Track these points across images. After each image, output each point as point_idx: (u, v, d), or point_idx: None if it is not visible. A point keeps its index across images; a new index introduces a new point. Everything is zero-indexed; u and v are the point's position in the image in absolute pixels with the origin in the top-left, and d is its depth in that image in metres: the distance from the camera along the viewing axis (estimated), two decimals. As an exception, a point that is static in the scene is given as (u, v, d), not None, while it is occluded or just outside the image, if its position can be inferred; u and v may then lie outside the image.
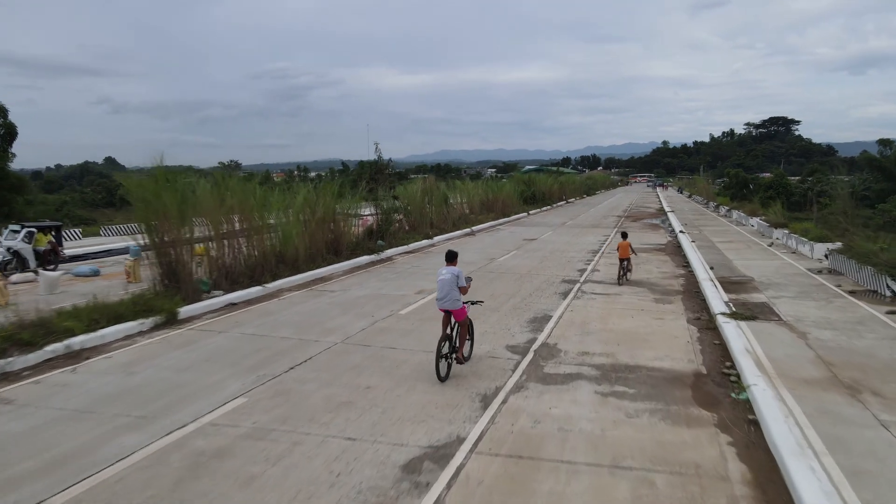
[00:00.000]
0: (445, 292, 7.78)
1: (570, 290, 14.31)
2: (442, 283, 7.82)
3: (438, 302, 7.92)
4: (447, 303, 7.82)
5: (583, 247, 23.29)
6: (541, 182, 53.58)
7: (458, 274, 7.86)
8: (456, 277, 7.80)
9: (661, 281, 15.55)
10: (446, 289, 7.77)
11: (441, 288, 7.82)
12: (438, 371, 7.72)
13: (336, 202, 18.48)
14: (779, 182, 45.76)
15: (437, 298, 7.94)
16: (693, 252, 19.78)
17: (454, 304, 7.82)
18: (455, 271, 7.87)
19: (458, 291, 7.82)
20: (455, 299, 7.80)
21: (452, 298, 7.79)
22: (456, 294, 7.80)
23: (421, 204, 27.20)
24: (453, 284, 7.77)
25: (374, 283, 15.58)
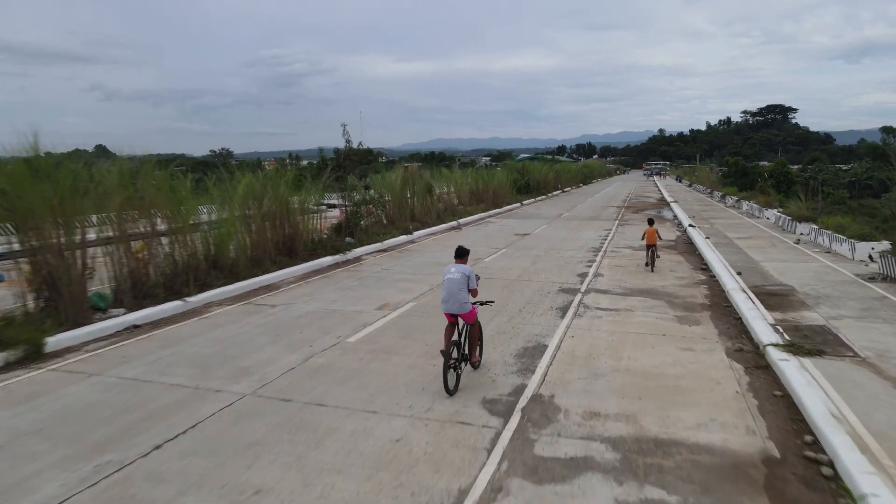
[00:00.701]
0: (453, 293, 6.91)
1: (569, 304, 11.49)
2: (450, 282, 6.95)
3: (444, 304, 7.04)
4: (454, 305, 6.95)
5: (582, 243, 20.46)
6: (535, 170, 50.61)
7: (470, 274, 7.02)
8: (467, 278, 6.96)
9: (680, 290, 12.74)
10: (454, 289, 6.90)
11: (448, 288, 6.95)
12: (446, 383, 6.71)
13: (292, 193, 15.53)
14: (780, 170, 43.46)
15: (443, 300, 7.04)
16: (710, 251, 16.99)
17: (462, 308, 6.96)
18: (466, 270, 7.03)
19: (467, 293, 6.97)
20: (463, 301, 6.94)
21: (461, 301, 6.93)
22: (465, 296, 6.95)
23: (401, 195, 24.27)
24: (463, 285, 6.94)
25: (329, 293, 12.71)
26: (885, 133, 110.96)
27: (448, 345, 6.89)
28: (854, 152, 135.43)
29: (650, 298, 11.96)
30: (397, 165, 33.43)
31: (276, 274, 14.02)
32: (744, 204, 33.93)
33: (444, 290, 7.03)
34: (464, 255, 7.40)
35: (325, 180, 17.38)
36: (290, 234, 15.21)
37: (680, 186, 72.67)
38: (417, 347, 8.80)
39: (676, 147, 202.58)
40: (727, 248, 18.35)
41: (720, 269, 14.06)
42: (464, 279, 6.98)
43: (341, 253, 16.87)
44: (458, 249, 7.49)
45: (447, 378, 6.73)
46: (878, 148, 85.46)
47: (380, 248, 19.05)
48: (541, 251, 18.63)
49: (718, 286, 13.00)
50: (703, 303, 11.60)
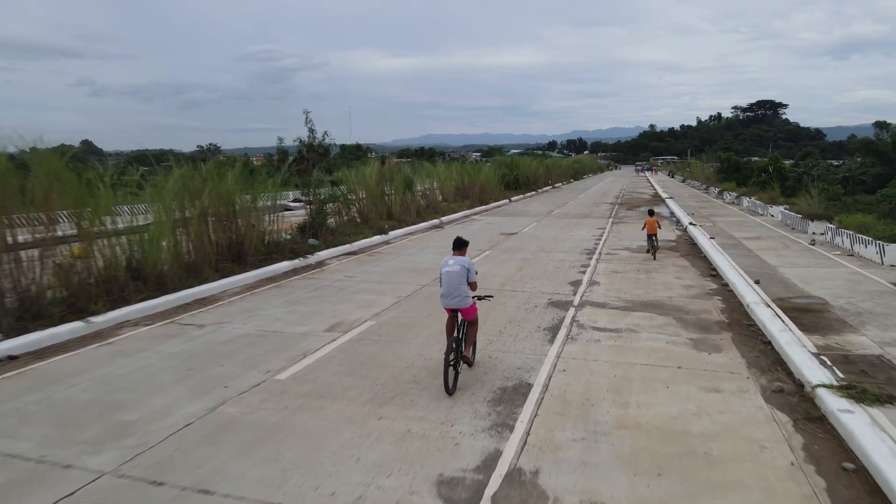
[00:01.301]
0: (453, 287, 6.64)
1: (560, 322, 9.52)
2: (449, 275, 6.68)
3: (443, 299, 6.77)
4: (454, 300, 6.68)
5: (574, 244, 18.51)
6: (524, 166, 48.63)
7: (469, 266, 6.77)
8: (466, 270, 6.70)
9: (691, 302, 10.81)
10: (454, 283, 6.63)
11: (448, 282, 6.68)
12: (447, 382, 6.40)
13: (241, 190, 13.42)
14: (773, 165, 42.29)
15: (442, 295, 6.77)
16: (718, 254, 15.08)
17: (463, 302, 6.68)
18: (465, 262, 6.76)
19: (467, 287, 6.70)
20: (464, 296, 6.67)
21: (462, 295, 6.66)
22: (465, 290, 6.69)
23: (376, 191, 22.20)
24: (463, 278, 6.66)
25: (274, 308, 10.66)
26: (879, 128, 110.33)
27: (450, 341, 6.54)
28: (844, 148, 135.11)
29: (657, 314, 10.00)
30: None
31: (217, 284, 11.93)
32: (744, 200, 32.14)
33: (444, 284, 6.71)
34: (462, 246, 7.05)
35: (284, 174, 15.25)
36: (237, 237, 13.10)
37: (673, 182, 71.01)
38: (364, 389, 6.78)
39: (667, 143, 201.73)
40: (736, 250, 16.45)
41: (734, 277, 12.14)
42: (463, 271, 6.65)
43: (301, 257, 14.80)
44: (456, 240, 7.13)
45: (447, 376, 6.39)
46: (871, 143, 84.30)
47: (348, 251, 16.99)
48: (528, 254, 16.65)
49: (734, 298, 11.08)
50: (721, 320, 9.66)
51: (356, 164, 28.16)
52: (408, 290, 11.93)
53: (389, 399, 6.49)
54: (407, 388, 6.81)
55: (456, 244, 7.10)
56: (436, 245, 18.52)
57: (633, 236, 20.14)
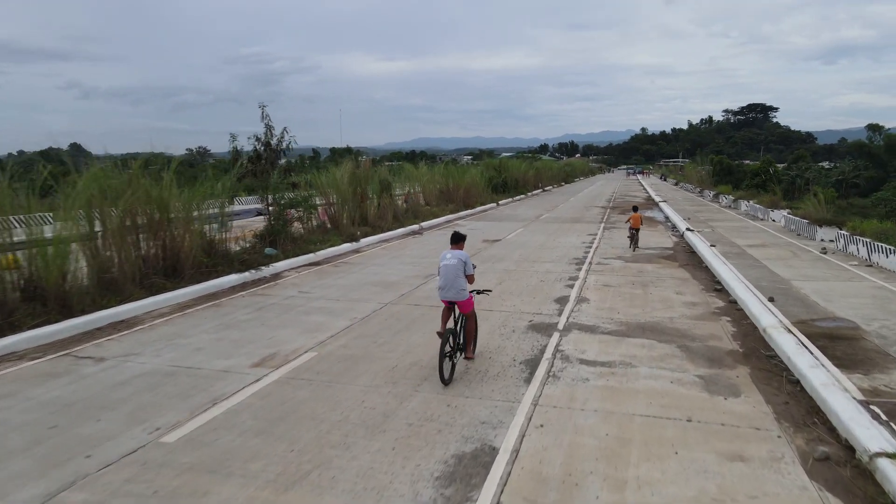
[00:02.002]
0: (450, 280, 6.68)
1: (541, 353, 7.86)
2: (447, 268, 6.72)
3: (441, 291, 6.79)
4: (451, 293, 6.72)
5: (562, 252, 16.88)
6: (513, 168, 47.03)
7: (466, 260, 6.79)
8: (463, 263, 6.74)
9: (695, 324, 9.18)
10: (451, 276, 6.68)
11: (445, 275, 6.71)
12: (442, 373, 6.45)
13: (176, 193, 11.67)
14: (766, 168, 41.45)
15: (440, 287, 6.79)
16: (721, 264, 13.49)
17: (460, 295, 6.73)
18: (462, 255, 6.79)
19: (464, 280, 6.75)
20: (461, 289, 6.72)
21: (458, 288, 6.70)
22: (462, 283, 6.73)
23: (348, 195, 20.49)
24: (460, 271, 6.71)
25: (201, 333, 8.92)
26: (871, 131, 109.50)
27: (445, 332, 6.60)
28: (835, 151, 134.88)
29: (656, 341, 8.36)
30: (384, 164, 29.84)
31: (141, 303, 10.17)
32: (742, 204, 30.67)
33: (441, 277, 6.81)
34: (459, 240, 7.14)
35: (234, 176, 13.50)
36: (172, 248, 11.34)
37: (666, 185, 69.74)
38: (272, 460, 5.07)
39: (659, 146, 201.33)
40: (740, 259, 14.87)
41: (743, 293, 10.52)
42: (460, 265, 6.76)
43: (254, 269, 13.07)
44: (453, 235, 7.24)
45: (443, 367, 6.49)
46: (863, 146, 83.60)
47: (311, 262, 15.26)
48: (511, 264, 14.99)
49: (746, 319, 9.47)
50: (734, 349, 8.03)
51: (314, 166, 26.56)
52: (367, 310, 10.23)
53: (303, 476, 4.79)
54: (331, 456, 5.11)
55: (453, 238, 7.16)
56: (410, 254, 16.83)
57: (627, 243, 18.55)
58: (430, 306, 10.49)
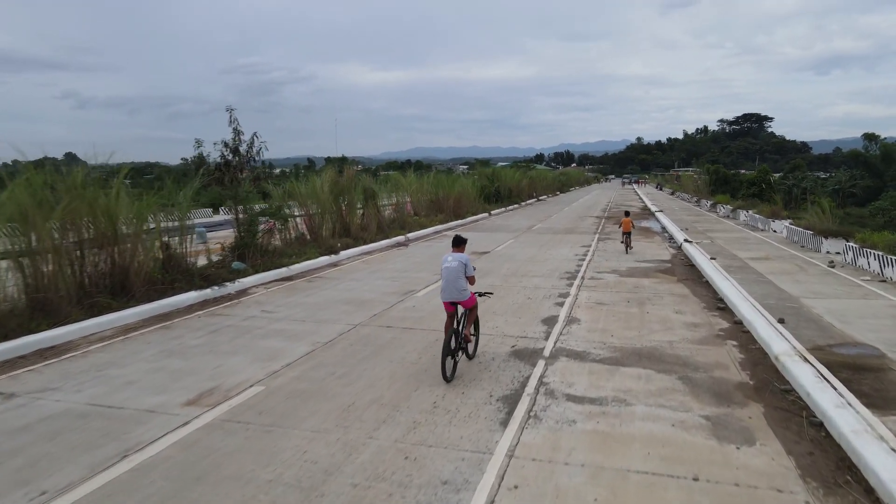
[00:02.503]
0: (451, 282, 6.97)
1: (522, 387, 6.82)
2: (448, 270, 7.01)
3: (443, 293, 7.08)
4: (453, 293, 6.99)
5: (553, 266, 15.88)
6: (507, 177, 46.13)
7: (467, 262, 7.07)
8: (464, 266, 7.03)
9: (699, 351, 8.16)
10: (452, 277, 6.97)
11: (447, 276, 7.01)
12: (444, 370, 6.79)
13: (126, 203, 10.63)
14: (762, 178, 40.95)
15: (442, 289, 7.10)
16: (723, 279, 12.50)
17: (461, 295, 7.00)
18: (463, 258, 7.09)
19: (465, 281, 7.04)
20: (462, 289, 6.99)
21: (459, 289, 6.98)
22: (463, 283, 7.01)
23: (330, 205, 19.49)
24: (460, 273, 7.00)
25: (139, 362, 7.85)
26: (868, 140, 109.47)
27: (448, 331, 6.90)
28: (830, 161, 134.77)
29: (655, 371, 7.34)
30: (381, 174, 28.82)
31: (80, 326, 9.09)
32: (741, 214, 29.74)
33: (443, 279, 7.06)
34: (461, 243, 7.39)
35: (195, 184, 12.46)
36: (121, 264, 10.28)
37: (662, 195, 68.98)
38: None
39: (654, 155, 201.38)
40: (743, 273, 13.88)
41: (749, 313, 9.52)
42: (461, 267, 7.00)
43: (217, 285, 12.02)
44: (454, 238, 7.52)
45: (445, 365, 6.77)
46: (860, 155, 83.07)
47: (283, 276, 14.21)
48: (497, 279, 13.96)
49: (754, 343, 8.46)
50: (743, 381, 7.01)
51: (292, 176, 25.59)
52: (332, 333, 9.18)
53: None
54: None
55: (455, 241, 7.43)
56: (392, 268, 15.79)
57: (622, 255, 17.56)
58: (403, 329, 9.46)
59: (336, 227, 20.24)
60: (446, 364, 6.80)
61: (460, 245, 7.36)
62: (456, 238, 7.51)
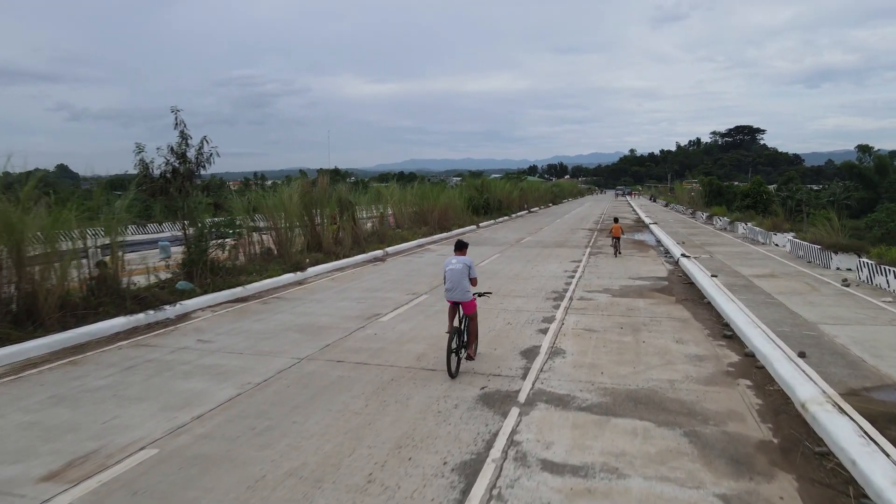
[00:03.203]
0: (456, 283, 7.34)
1: (487, 450, 5.36)
2: (452, 272, 7.37)
3: (447, 293, 7.43)
4: (457, 294, 7.36)
5: (540, 284, 14.46)
6: (497, 188, 44.81)
7: (470, 265, 7.46)
8: (468, 268, 7.41)
9: (706, 395, 6.71)
10: (457, 279, 7.34)
11: (451, 278, 7.37)
12: (449, 366, 7.17)
13: (40, 217, 9.14)
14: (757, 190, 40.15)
15: (447, 289, 7.42)
16: (728, 301, 11.11)
17: (464, 296, 7.36)
18: (466, 261, 7.47)
19: (468, 282, 7.39)
20: (465, 290, 7.36)
21: (462, 289, 7.34)
22: (466, 285, 7.38)
23: (301, 218, 18.06)
24: (464, 275, 7.37)
25: (19, 412, 6.34)
26: (862, 152, 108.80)
27: (451, 330, 7.24)
28: (823, 173, 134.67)
29: (654, 423, 5.89)
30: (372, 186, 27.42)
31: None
32: (739, 226, 28.44)
33: (448, 280, 7.36)
34: (463, 247, 7.79)
35: (130, 195, 10.98)
36: (28, 288, 8.76)
37: (656, 206, 67.90)
38: None
39: (647, 167, 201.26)
40: (749, 293, 12.49)
41: (763, 344, 8.10)
42: (465, 269, 7.35)
43: (155, 309, 10.52)
44: (457, 243, 7.89)
45: (450, 362, 7.12)
46: (853, 167, 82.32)
47: (238, 297, 12.72)
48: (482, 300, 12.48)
49: (769, 381, 7.06)
50: (765, 439, 5.57)
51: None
52: (270, 370, 7.70)
53: None
54: None
55: (457, 246, 7.83)
56: (362, 287, 14.32)
57: (615, 272, 16.17)
58: (355, 364, 7.98)
59: (308, 242, 18.81)
60: (451, 362, 7.19)
61: (462, 249, 7.77)
62: (458, 242, 7.92)
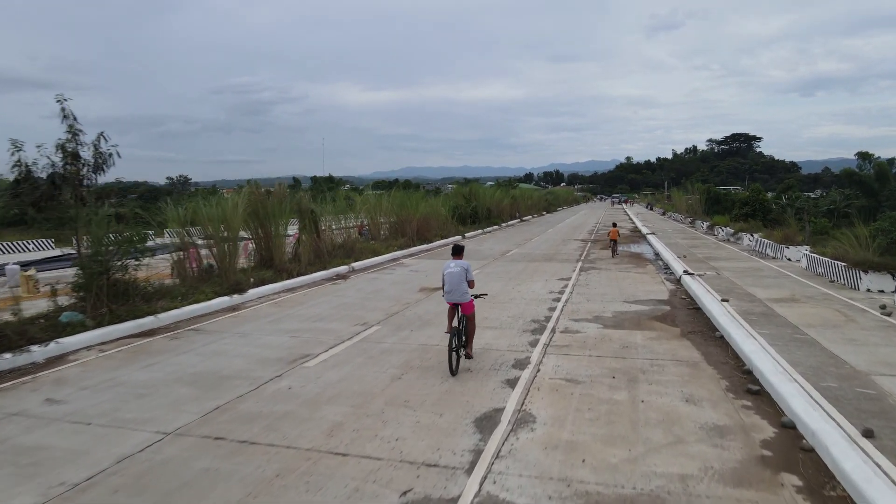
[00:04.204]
0: (455, 285, 7.73)
1: None
2: (450, 275, 7.76)
3: (446, 295, 7.83)
4: (455, 296, 7.75)
5: (518, 310, 12.18)
6: (486, 196, 42.57)
7: (468, 268, 7.83)
8: (465, 271, 7.79)
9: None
10: (455, 281, 7.72)
11: (449, 281, 7.76)
12: (451, 364, 7.56)
13: None
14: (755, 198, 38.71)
15: (446, 291, 7.83)
16: (747, 336, 8.83)
17: (463, 298, 7.75)
18: (464, 265, 7.85)
19: (466, 285, 7.75)
20: (464, 292, 7.73)
21: (461, 292, 7.73)
22: (465, 287, 7.75)
23: (254, 230, 15.77)
24: (462, 278, 7.74)
25: None
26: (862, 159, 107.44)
27: (451, 329, 7.68)
28: (820, 180, 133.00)
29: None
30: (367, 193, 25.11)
31: None
32: (744, 237, 26.19)
33: (447, 283, 7.78)
34: (459, 252, 8.23)
35: None
36: None
37: (653, 214, 65.78)
38: None
39: (644, 175, 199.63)
40: (770, 324, 10.21)
41: (808, 413, 5.81)
42: (463, 272, 7.75)
43: (10, 352, 8.18)
44: (454, 247, 8.37)
45: (451, 360, 7.54)
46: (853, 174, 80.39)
47: (143, 330, 10.38)
48: (434, 334, 10.17)
49: (825, 474, 4.76)
50: None
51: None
52: (112, 456, 5.37)
53: None
54: None
55: (454, 250, 8.28)
56: (306, 314, 12.00)
57: (608, 292, 13.89)
58: (238, 444, 5.65)
59: (261, 257, 16.52)
60: (452, 360, 7.49)
61: (459, 253, 8.15)
62: (455, 247, 8.36)
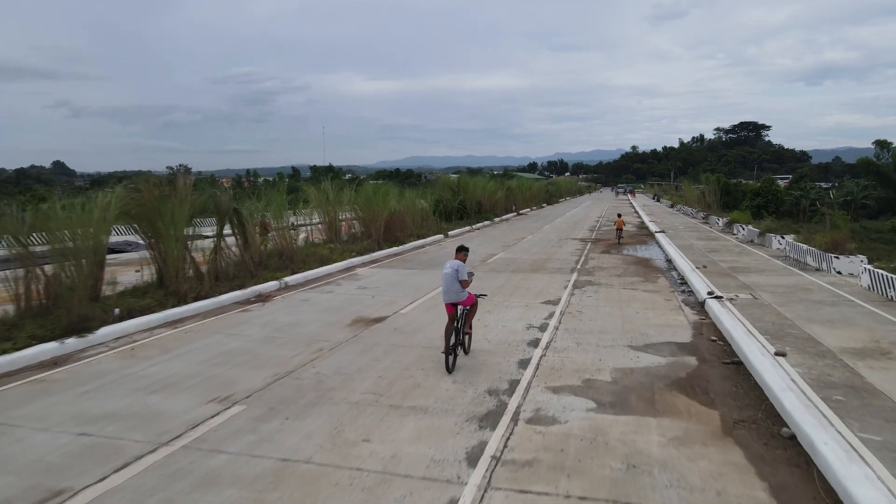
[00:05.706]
0: (449, 286, 7.92)
1: None
2: (446, 276, 7.98)
3: (444, 295, 8.01)
4: (451, 295, 7.92)
5: (471, 373, 8.26)
6: (476, 188, 38.49)
7: (459, 268, 7.96)
8: (456, 272, 7.91)
9: None
10: (449, 282, 7.92)
11: (444, 282, 7.99)
12: (448, 364, 7.76)
13: None
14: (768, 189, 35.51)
15: (443, 292, 8.04)
16: (850, 456, 4.88)
17: (458, 297, 7.93)
18: (456, 265, 7.97)
19: (459, 284, 7.89)
20: (457, 292, 7.91)
21: (454, 291, 7.91)
22: (458, 286, 7.90)
23: (96, 240, 11.77)
24: (454, 279, 7.89)
25: None
26: (880, 147, 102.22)
27: (449, 329, 7.80)
28: (831, 170, 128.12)
29: None
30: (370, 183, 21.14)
31: None
32: (773, 240, 22.07)
33: (442, 284, 8.00)
34: (462, 250, 8.33)
35: None
36: None
37: (660, 207, 61.53)
38: None
39: (650, 164, 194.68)
40: (871, 415, 6.27)
41: None
42: (454, 272, 7.88)
43: None
44: (458, 248, 8.43)
45: (448, 359, 7.76)
46: (871, 164, 75.70)
47: (24, 366, 6.53)
48: (330, 421, 6.26)
49: None
50: None
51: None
52: None
53: None
54: None
55: (458, 250, 8.35)
56: (156, 377, 8.11)
57: (607, 326, 9.95)
58: None
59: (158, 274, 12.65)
60: (449, 359, 7.77)
61: (460, 253, 8.25)
62: (459, 248, 8.41)
